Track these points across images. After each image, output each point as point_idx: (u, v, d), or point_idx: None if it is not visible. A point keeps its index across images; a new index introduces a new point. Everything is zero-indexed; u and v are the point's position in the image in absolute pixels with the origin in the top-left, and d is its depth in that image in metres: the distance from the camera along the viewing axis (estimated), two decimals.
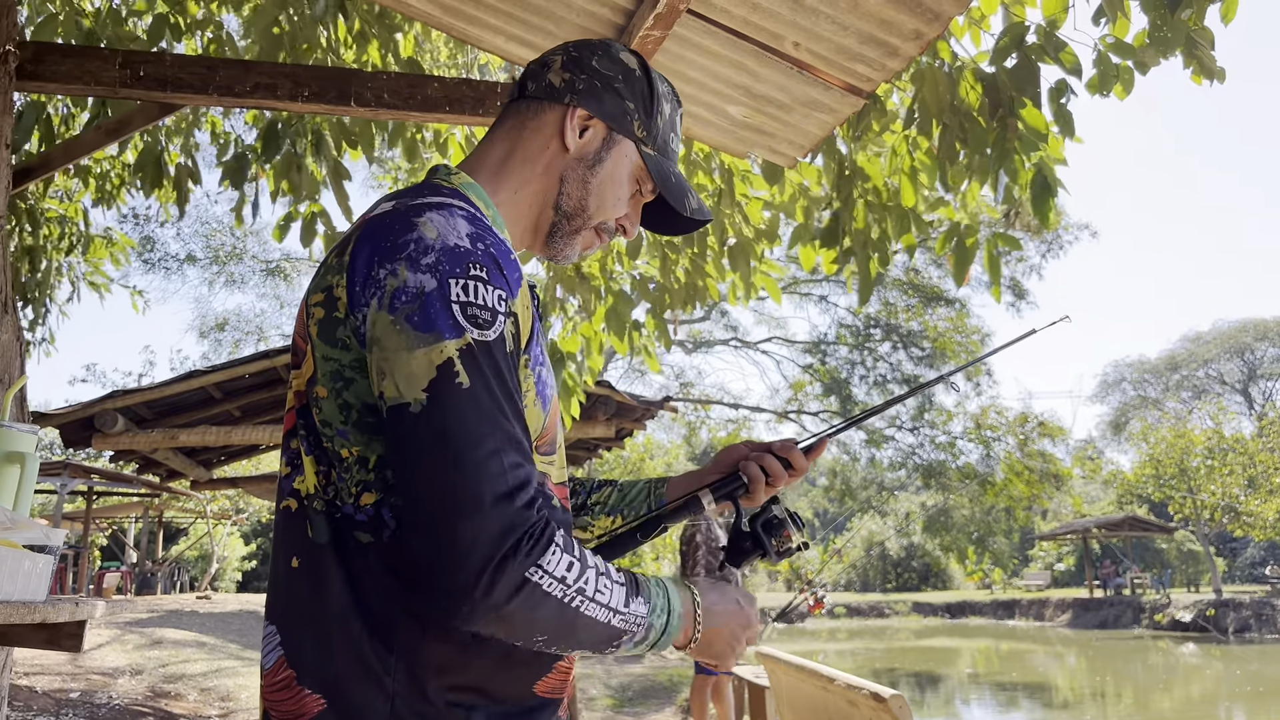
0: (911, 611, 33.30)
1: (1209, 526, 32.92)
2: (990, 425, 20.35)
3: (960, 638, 27.29)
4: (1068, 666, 20.61)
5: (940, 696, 15.34)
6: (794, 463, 1.29)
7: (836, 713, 3.43)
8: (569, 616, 0.95)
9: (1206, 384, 58.45)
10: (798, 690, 3.85)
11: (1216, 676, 18.19)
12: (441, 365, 0.94)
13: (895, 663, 20.60)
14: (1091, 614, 30.41)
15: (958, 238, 3.39)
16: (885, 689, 2.99)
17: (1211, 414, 36.33)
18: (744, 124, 2.97)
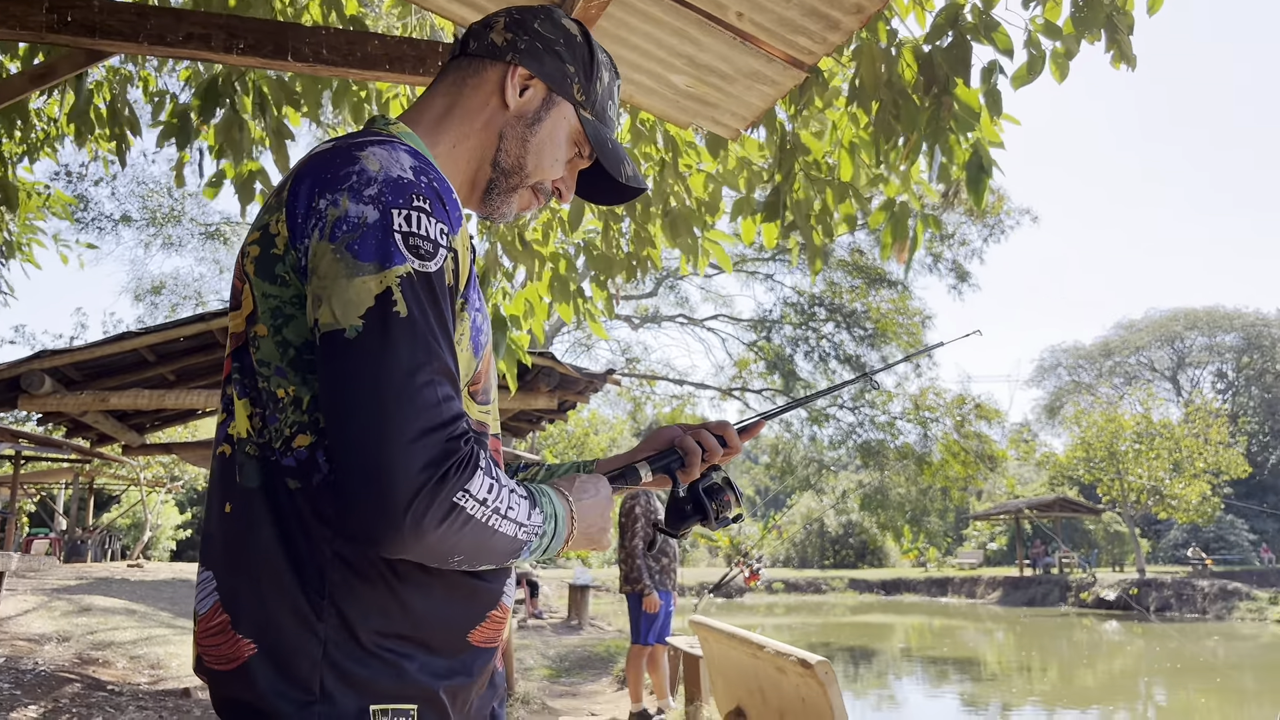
0: (848, 588, 33.86)
1: (1135, 509, 33.95)
2: (929, 407, 20.73)
3: (895, 614, 27.84)
4: (996, 642, 21.18)
5: (873, 670, 15.66)
6: (729, 441, 1.30)
7: (765, 679, 3.51)
8: (486, 536, 0.97)
9: (1138, 370, 60.10)
10: (729, 658, 3.92)
11: (1138, 653, 18.82)
12: (380, 294, 0.94)
13: (831, 637, 20.97)
14: (1021, 592, 31.22)
15: (893, 214, 3.45)
16: (811, 655, 3.06)
17: (1141, 400, 37.40)
18: (687, 94, 2.98)
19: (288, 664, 0.98)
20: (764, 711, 3.62)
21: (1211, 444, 33.49)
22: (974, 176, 3.07)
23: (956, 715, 11.67)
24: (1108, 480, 33.41)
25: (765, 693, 3.55)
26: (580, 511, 1.12)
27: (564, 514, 1.09)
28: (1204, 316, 58.69)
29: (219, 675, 1.02)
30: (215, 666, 1.02)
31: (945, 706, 12.35)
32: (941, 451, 20.90)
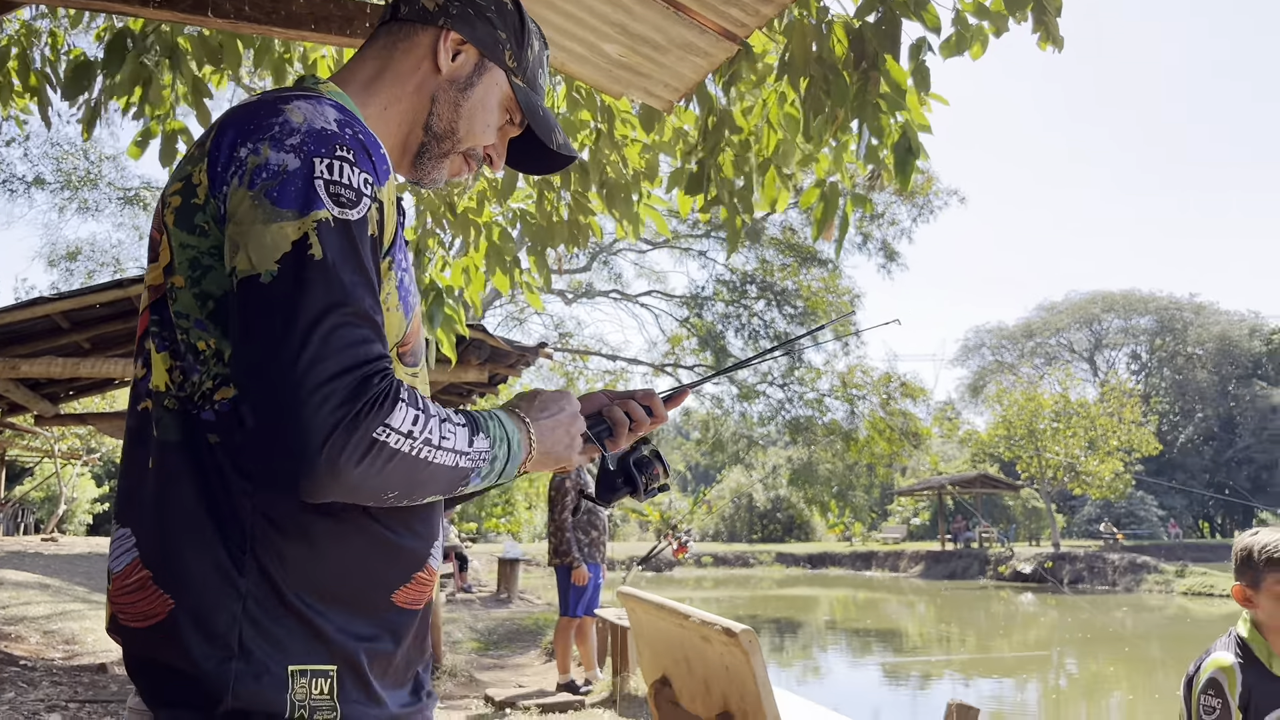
0: (775, 561, 34.42)
1: (1052, 485, 35.09)
2: (856, 384, 21.07)
3: (820, 587, 28.39)
4: (918, 614, 21.76)
5: (799, 642, 15.98)
6: (655, 410, 1.30)
7: (691, 648, 3.55)
8: (418, 469, 0.96)
9: (1057, 351, 61.93)
10: (655, 628, 3.95)
11: (1051, 624, 19.52)
12: (298, 240, 0.93)
13: (758, 610, 21.31)
14: (942, 565, 32.08)
15: (823, 194, 3.48)
16: (736, 624, 3.11)
17: (1060, 380, 38.63)
18: (620, 63, 2.96)
19: (206, 620, 0.95)
20: (689, 680, 3.66)
21: (1125, 423, 34.72)
22: (901, 159, 3.11)
23: (878, 685, 11.98)
24: (1027, 457, 34.47)
25: (690, 662, 3.59)
26: (540, 431, 1.11)
27: (519, 436, 1.08)
28: (1121, 300, 60.66)
29: (134, 633, 1.00)
30: (131, 624, 1.00)
31: (868, 676, 12.67)
32: (868, 428, 21.28)
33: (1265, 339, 57.22)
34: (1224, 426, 54.55)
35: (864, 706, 10.08)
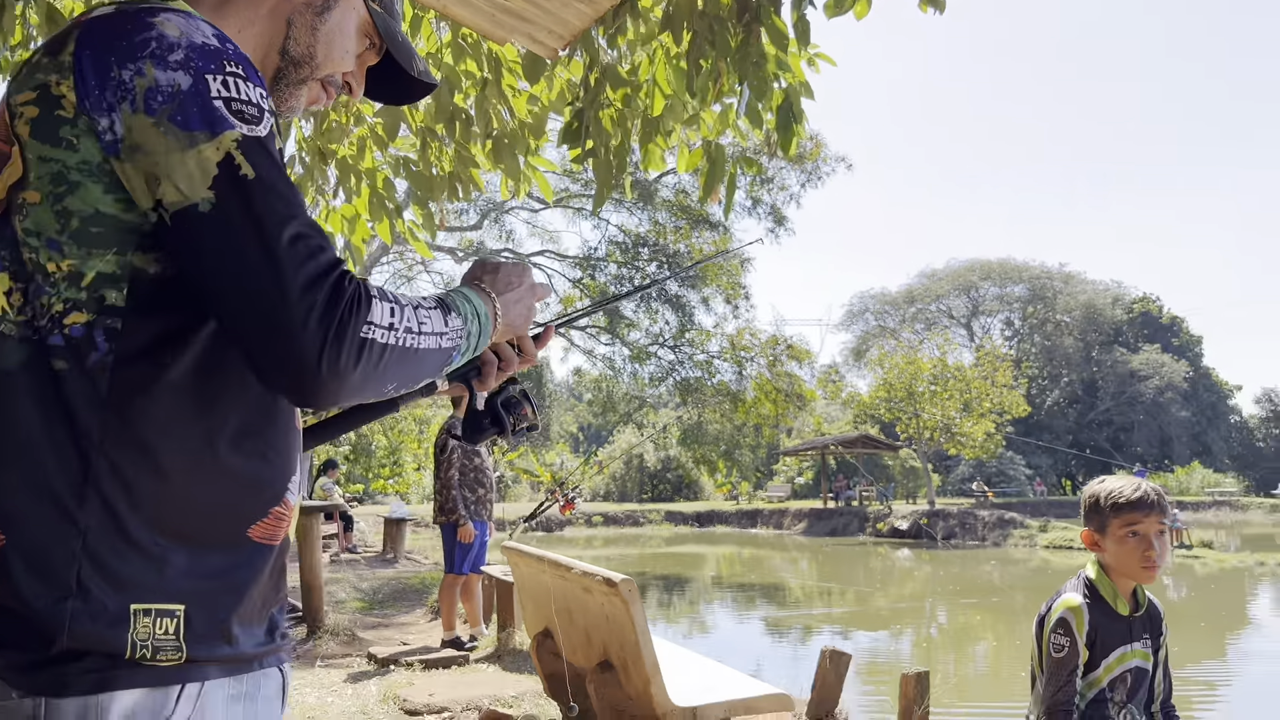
0: (664, 520, 34.92)
1: (929, 445, 36.51)
2: (744, 347, 21.42)
3: (707, 544, 28.94)
4: (800, 570, 22.43)
5: (686, 598, 16.28)
6: (524, 349, 1.30)
7: (573, 599, 3.58)
8: (408, 358, 0.98)
9: (937, 317, 64.22)
10: (538, 581, 3.98)
11: (926, 577, 20.40)
12: (221, 161, 0.91)
13: (647, 567, 21.61)
14: (824, 523, 33.08)
15: (710, 155, 3.49)
16: (616, 574, 3.15)
17: (939, 345, 40.03)
18: (503, 7, 2.90)
19: (42, 556, 0.91)
20: (571, 631, 3.71)
21: (997, 386, 36.31)
22: (784, 121, 3.14)
23: (761, 638, 12.32)
24: (906, 419, 35.75)
25: (572, 613, 3.63)
26: (504, 306, 1.16)
27: (487, 311, 1.12)
28: (997, 268, 63.19)
29: None
30: None
31: (751, 630, 13.01)
32: (755, 390, 21.70)
33: (1126, 308, 60.58)
34: (1087, 390, 57.68)
35: (747, 658, 10.36)
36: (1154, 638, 2.47)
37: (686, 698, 3.20)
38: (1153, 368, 54.53)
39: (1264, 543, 25.91)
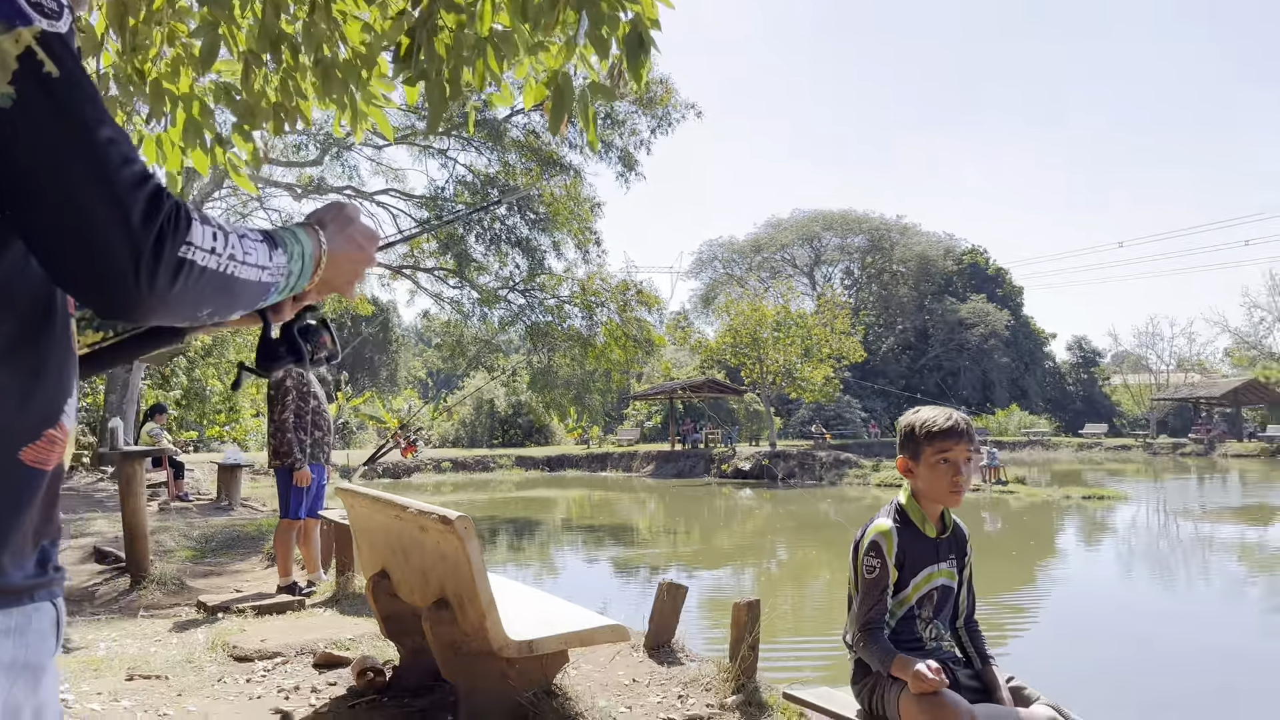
0: (515, 465, 34.94)
1: (772, 389, 37.74)
2: (595, 292, 21.44)
3: (558, 488, 29.17)
4: (648, 511, 22.91)
5: (536, 540, 16.38)
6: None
7: (409, 539, 3.53)
8: (228, 285, 0.95)
9: (781, 266, 66.03)
10: (373, 521, 3.90)
11: (767, 515, 21.21)
12: (22, 55, 0.83)
13: (497, 511, 21.60)
14: (672, 465, 33.85)
15: (556, 85, 3.43)
16: (451, 511, 3.12)
17: (783, 293, 41.28)
18: None
19: None
20: (406, 571, 3.66)
21: (836, 333, 37.78)
22: (633, 51, 3.11)
23: (609, 578, 12.55)
24: (750, 364, 36.81)
25: (408, 553, 3.58)
26: (333, 260, 1.13)
27: (312, 255, 1.10)
28: (838, 219, 65.33)
29: None
30: None
31: (600, 570, 13.23)
32: (606, 335, 21.80)
33: (957, 259, 63.84)
34: (919, 337, 60.74)
35: (594, 597, 10.54)
36: (959, 558, 2.65)
37: (522, 632, 3.22)
38: (978, 316, 57.85)
39: (1071, 478, 28.15)
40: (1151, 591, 11.16)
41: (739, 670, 3.99)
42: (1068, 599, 10.76)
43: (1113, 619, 9.62)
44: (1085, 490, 22.14)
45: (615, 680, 4.30)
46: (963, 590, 2.66)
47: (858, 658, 2.58)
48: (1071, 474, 30.97)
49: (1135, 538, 15.97)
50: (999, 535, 16.58)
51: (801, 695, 2.79)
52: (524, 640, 3.18)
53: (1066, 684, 6.50)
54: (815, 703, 2.69)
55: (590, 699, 3.61)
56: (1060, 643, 8.47)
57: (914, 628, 2.54)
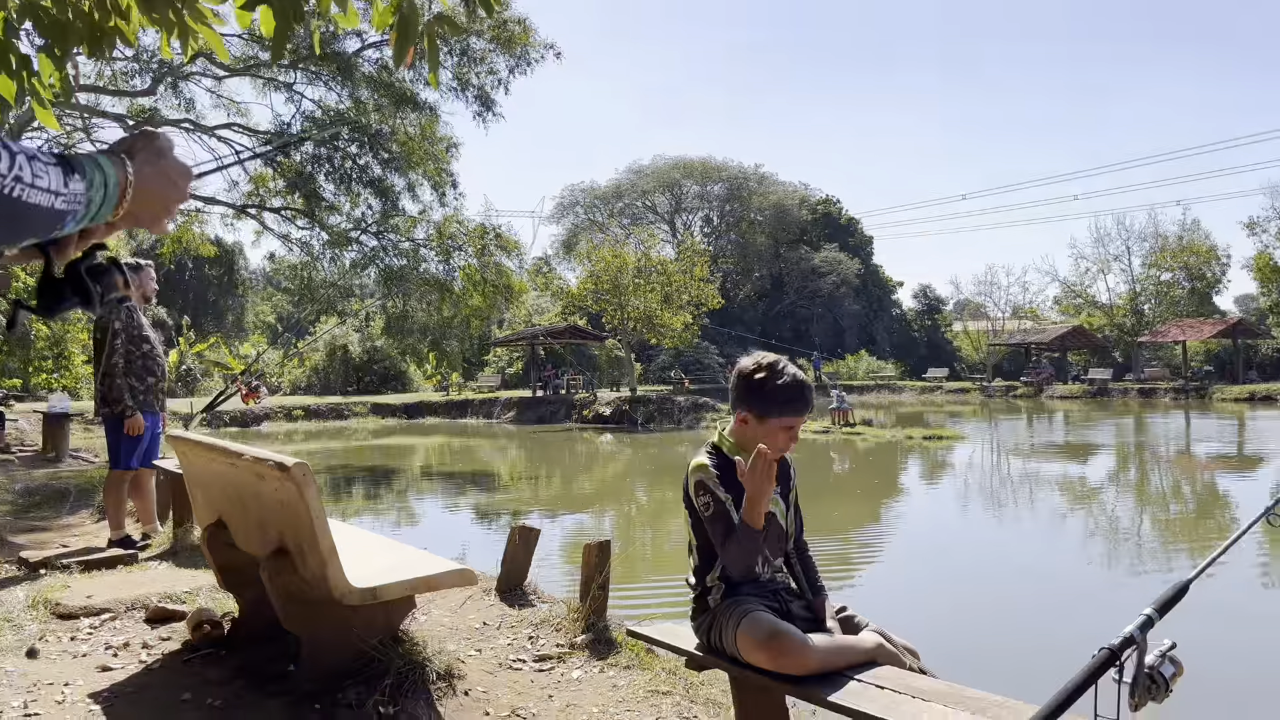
0: (371, 413, 34.17)
1: (632, 335, 38.03)
2: (452, 236, 20.94)
3: (416, 435, 28.73)
4: (510, 456, 22.86)
5: (394, 489, 16.11)
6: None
7: (245, 487, 3.39)
8: (15, 208, 0.90)
9: (642, 212, 66.22)
10: (207, 470, 3.73)
11: (626, 458, 21.48)
12: None
13: (352, 459, 21.12)
14: (533, 411, 33.81)
15: (401, 14, 3.28)
16: (289, 458, 3.01)
17: (644, 239, 41.42)
18: None
19: None
20: (244, 520, 3.53)
21: (695, 280, 38.27)
22: None
23: (469, 525, 12.47)
24: (611, 310, 36.93)
25: (245, 501, 3.45)
26: (139, 193, 1.08)
27: (117, 185, 1.05)
28: (699, 167, 65.82)
29: None
30: None
31: (460, 518, 13.12)
32: (464, 281, 21.38)
33: (811, 209, 65.50)
34: (775, 285, 62.26)
35: (454, 544, 10.47)
36: (783, 485, 2.73)
37: (366, 579, 3.15)
38: (831, 265, 59.68)
39: (914, 420, 29.59)
40: (983, 523, 11.90)
41: (589, 610, 4.04)
42: (910, 535, 11.36)
43: (948, 550, 10.22)
44: (926, 431, 23.33)
45: (466, 624, 4.28)
46: (790, 513, 2.73)
47: (698, 595, 2.64)
48: (914, 416, 32.56)
49: (970, 475, 16.96)
50: (847, 475, 17.32)
51: (644, 631, 2.84)
52: (367, 587, 3.11)
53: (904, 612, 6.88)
54: (657, 638, 2.75)
55: (439, 644, 3.58)
56: (899, 575, 8.95)
57: None
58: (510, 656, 3.85)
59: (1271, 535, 9.76)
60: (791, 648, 2.31)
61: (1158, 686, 1.85)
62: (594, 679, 3.70)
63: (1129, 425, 27.74)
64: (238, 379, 21.60)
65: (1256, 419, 28.11)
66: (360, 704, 3.09)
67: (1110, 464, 18.32)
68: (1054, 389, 43.06)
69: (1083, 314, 54.34)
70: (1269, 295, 42.25)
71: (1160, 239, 51.93)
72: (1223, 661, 5.65)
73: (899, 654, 2.47)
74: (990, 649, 6.29)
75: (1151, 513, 12.46)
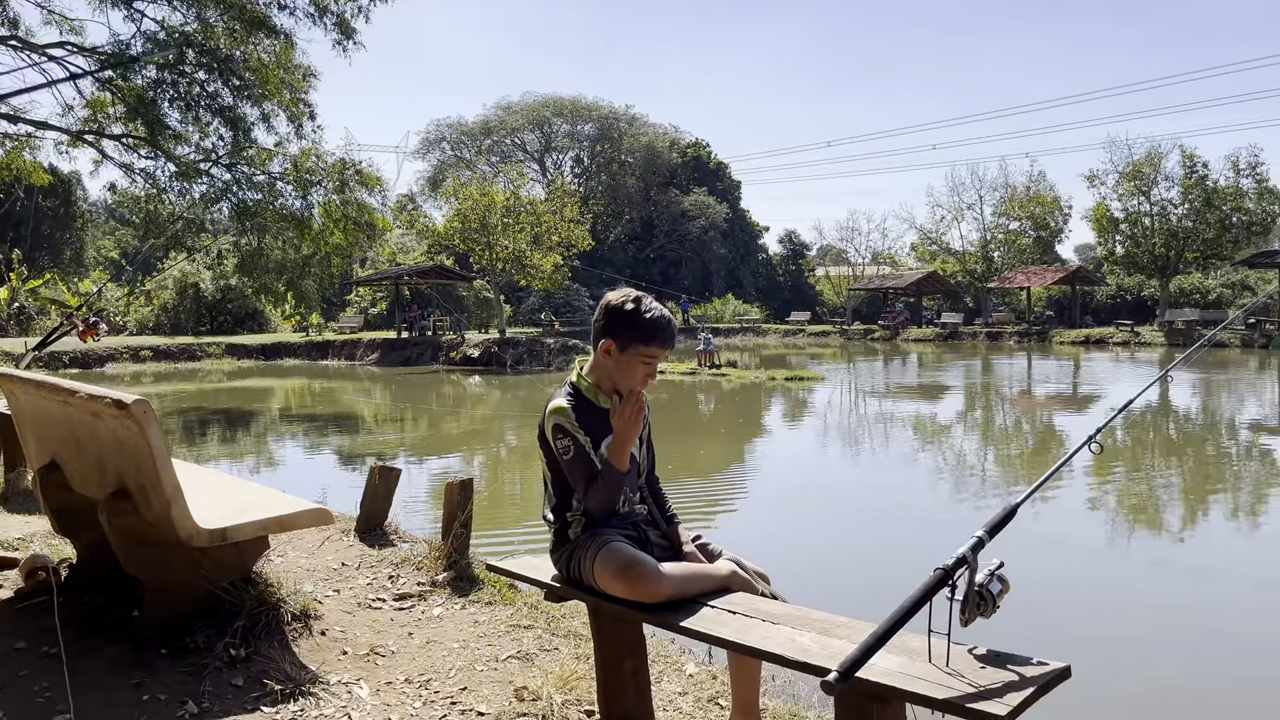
0: (225, 354, 32.81)
1: (501, 276, 37.56)
2: (310, 170, 20.08)
3: (275, 378, 27.78)
4: (374, 399, 22.38)
5: (252, 432, 15.57)
6: None
7: (80, 427, 3.21)
8: None
9: (512, 150, 65.03)
10: (38, 409, 3.51)
11: (495, 401, 21.34)
12: None
13: (206, 402, 20.27)
14: (398, 353, 33.11)
15: None
16: (127, 395, 2.85)
17: (513, 178, 40.71)
18: None
19: None
20: (80, 461, 3.34)
21: (566, 221, 37.99)
22: None
23: (332, 468, 12.17)
24: (479, 250, 36.32)
25: (80, 441, 3.26)
26: None
27: None
28: (569, 105, 64.93)
29: None
30: None
31: (322, 461, 12.79)
32: (323, 217, 20.58)
33: (681, 152, 65.68)
34: (645, 227, 62.42)
35: (314, 487, 10.23)
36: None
37: (215, 520, 3.05)
38: (700, 209, 60.18)
39: (777, 362, 30.41)
40: (839, 461, 12.39)
41: (451, 548, 4.02)
42: (768, 471, 11.72)
43: (805, 485, 10.61)
44: (789, 373, 24.01)
45: (324, 565, 4.20)
46: (643, 449, 2.77)
47: (554, 530, 2.65)
48: (778, 358, 33.46)
49: (829, 415, 17.58)
50: (713, 415, 17.69)
51: (504, 565, 2.84)
52: (217, 528, 3.01)
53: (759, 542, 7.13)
54: (516, 571, 2.76)
55: (295, 585, 3.50)
56: (757, 508, 9.24)
57: None
58: (370, 596, 3.80)
59: (1099, 467, 10.54)
60: (646, 576, 2.35)
61: (986, 603, 1.98)
62: (455, 616, 3.69)
63: (977, 367, 29.25)
64: (73, 314, 20.27)
65: (1090, 361, 30.09)
66: (209, 647, 3.00)
67: (958, 404, 19.31)
68: (909, 332, 44.93)
69: (937, 260, 56.61)
70: (1105, 245, 44.91)
71: (1010, 189, 54.37)
72: (1047, 582, 6.09)
73: (751, 580, 2.55)
74: (839, 576, 6.60)
75: (994, 448, 13.24)
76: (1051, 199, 52.56)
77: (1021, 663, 1.89)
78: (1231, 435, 13.81)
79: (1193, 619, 5.71)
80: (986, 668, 1.89)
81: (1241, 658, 5.00)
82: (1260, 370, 25.35)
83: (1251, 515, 8.55)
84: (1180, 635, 5.43)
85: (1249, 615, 5.70)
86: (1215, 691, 4.55)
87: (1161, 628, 5.59)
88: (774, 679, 3.69)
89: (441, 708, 2.91)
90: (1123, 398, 2.64)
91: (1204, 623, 5.61)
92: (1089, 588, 6.33)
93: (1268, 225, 41.28)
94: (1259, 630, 5.42)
